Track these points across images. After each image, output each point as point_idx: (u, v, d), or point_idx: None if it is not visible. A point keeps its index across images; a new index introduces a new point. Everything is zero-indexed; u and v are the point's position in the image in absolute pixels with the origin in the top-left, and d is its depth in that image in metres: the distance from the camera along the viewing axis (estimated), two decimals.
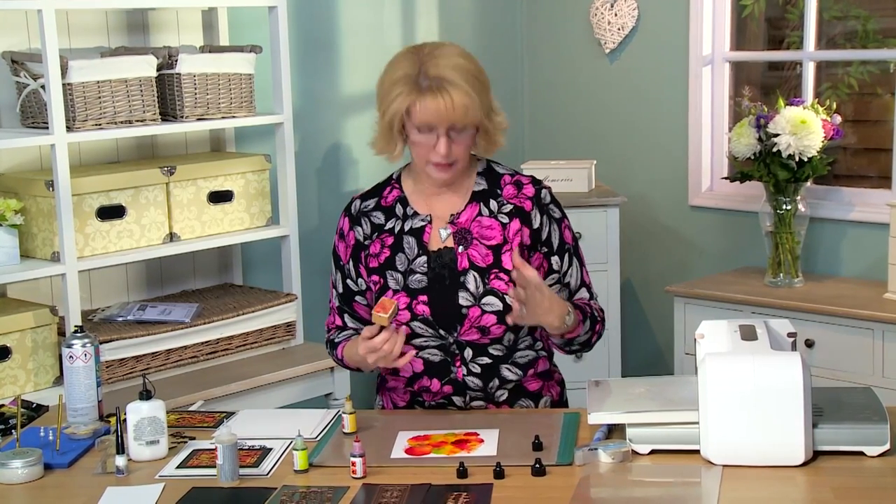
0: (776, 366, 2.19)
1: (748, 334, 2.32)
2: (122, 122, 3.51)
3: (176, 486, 2.24)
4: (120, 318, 3.60)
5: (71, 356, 2.54)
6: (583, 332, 2.58)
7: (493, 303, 2.53)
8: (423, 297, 2.55)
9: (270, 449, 2.39)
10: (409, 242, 2.59)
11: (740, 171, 4.13)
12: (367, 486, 2.19)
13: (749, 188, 4.31)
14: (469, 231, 2.58)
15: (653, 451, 2.28)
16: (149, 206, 3.60)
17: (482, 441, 2.37)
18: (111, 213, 3.52)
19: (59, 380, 3.36)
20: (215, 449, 2.23)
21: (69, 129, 3.39)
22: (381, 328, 2.43)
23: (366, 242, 2.63)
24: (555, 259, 2.61)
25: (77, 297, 3.40)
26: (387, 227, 2.62)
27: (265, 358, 3.79)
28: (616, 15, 4.73)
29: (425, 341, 2.57)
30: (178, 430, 2.53)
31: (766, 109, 4.06)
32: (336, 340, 2.69)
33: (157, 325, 3.56)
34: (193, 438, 2.49)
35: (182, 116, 3.64)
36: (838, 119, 4.02)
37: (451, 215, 2.60)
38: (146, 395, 2.38)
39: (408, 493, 2.14)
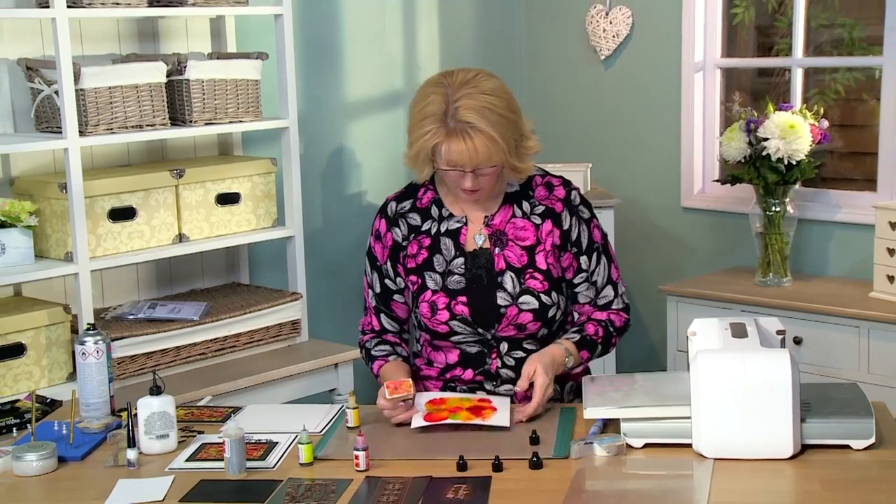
0: (766, 362, 2.19)
1: (739, 332, 2.32)
2: (132, 127, 3.51)
3: (185, 478, 2.24)
4: (131, 316, 3.60)
5: (84, 353, 2.54)
6: (592, 359, 2.62)
7: (529, 301, 2.55)
8: (462, 298, 2.57)
9: (276, 443, 2.39)
10: (446, 244, 2.60)
11: (731, 174, 4.13)
12: (370, 479, 2.19)
13: (739, 190, 4.31)
14: (504, 232, 2.60)
15: (646, 445, 2.28)
16: (159, 207, 3.60)
17: (495, 409, 2.42)
18: (122, 214, 3.52)
19: (72, 376, 3.36)
20: (223, 442, 2.24)
21: (82, 133, 3.39)
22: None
23: (403, 243, 2.64)
24: (583, 259, 2.63)
25: (89, 296, 3.40)
26: (423, 229, 2.63)
27: (271, 355, 3.79)
28: (611, 23, 4.73)
29: (463, 338, 2.59)
30: (187, 425, 2.53)
31: (755, 114, 4.05)
32: (374, 353, 2.69)
33: (167, 322, 3.56)
34: (202, 432, 2.49)
35: (191, 121, 3.64)
36: (825, 124, 4.02)
37: (486, 217, 2.61)
38: (156, 390, 2.38)
39: (409, 486, 2.14)
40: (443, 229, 2.62)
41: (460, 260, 2.59)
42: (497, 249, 2.59)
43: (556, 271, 2.59)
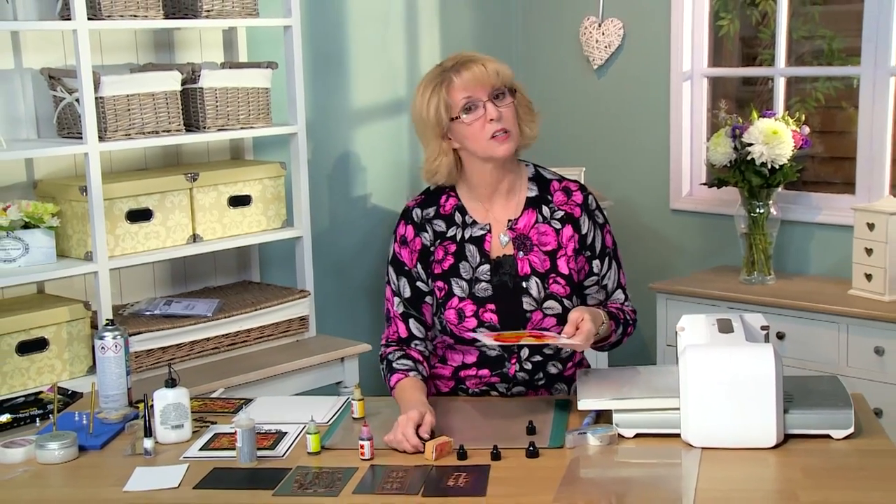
0: (751, 356, 2.19)
1: (725, 327, 2.32)
2: (149, 133, 3.51)
3: (199, 466, 2.24)
4: (147, 313, 3.60)
5: (103, 347, 2.54)
6: (615, 338, 2.59)
7: (553, 306, 2.51)
8: (491, 306, 2.51)
9: (286, 433, 2.39)
10: (472, 251, 2.54)
11: (717, 178, 4.13)
12: (375, 467, 2.19)
13: (725, 193, 4.31)
14: (528, 237, 2.54)
15: (637, 435, 2.29)
16: (174, 209, 3.60)
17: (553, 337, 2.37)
18: (139, 216, 3.52)
19: (92, 369, 3.36)
20: (235, 432, 2.24)
21: (101, 138, 3.39)
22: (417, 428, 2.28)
23: (431, 248, 2.56)
24: (596, 263, 2.59)
25: (108, 293, 3.40)
26: (448, 235, 2.56)
27: (281, 349, 3.79)
28: (603, 34, 4.73)
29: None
30: (200, 416, 2.54)
31: (740, 121, 4.05)
32: (395, 366, 2.51)
33: (182, 318, 3.56)
34: (215, 423, 2.49)
35: (204, 127, 3.64)
36: (807, 130, 4.02)
37: (509, 221, 2.55)
38: (171, 383, 2.38)
39: (412, 474, 2.14)
40: (467, 236, 2.55)
41: (486, 267, 2.52)
42: (521, 254, 2.52)
43: (576, 276, 2.54)
